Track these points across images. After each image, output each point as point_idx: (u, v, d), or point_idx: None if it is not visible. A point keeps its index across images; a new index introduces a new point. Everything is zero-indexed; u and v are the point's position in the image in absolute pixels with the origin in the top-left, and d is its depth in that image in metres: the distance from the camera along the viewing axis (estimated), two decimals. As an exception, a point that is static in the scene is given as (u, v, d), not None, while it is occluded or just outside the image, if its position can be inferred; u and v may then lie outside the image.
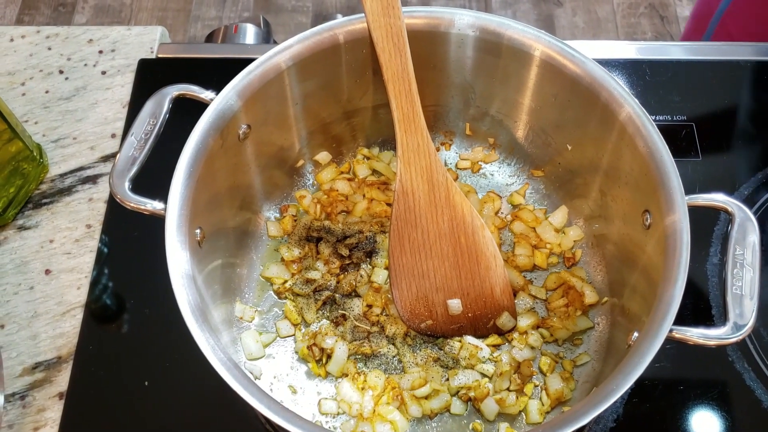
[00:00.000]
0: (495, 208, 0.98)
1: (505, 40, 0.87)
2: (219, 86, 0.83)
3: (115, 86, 1.11)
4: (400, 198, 0.88)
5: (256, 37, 1.27)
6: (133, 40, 1.16)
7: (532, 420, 0.85)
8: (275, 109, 0.89)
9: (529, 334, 0.89)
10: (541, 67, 0.87)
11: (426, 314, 0.90)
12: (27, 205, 1.01)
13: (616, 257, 0.90)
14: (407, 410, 0.85)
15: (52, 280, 0.96)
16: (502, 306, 0.90)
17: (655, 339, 0.69)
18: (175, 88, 0.83)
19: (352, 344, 0.88)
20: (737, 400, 0.87)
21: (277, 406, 0.67)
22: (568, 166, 0.95)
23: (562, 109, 0.90)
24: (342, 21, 0.87)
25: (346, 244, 0.94)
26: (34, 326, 0.92)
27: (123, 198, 0.77)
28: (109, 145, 1.06)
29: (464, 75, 0.94)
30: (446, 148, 1.03)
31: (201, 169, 0.80)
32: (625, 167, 0.84)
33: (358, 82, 0.93)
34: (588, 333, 0.90)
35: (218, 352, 0.69)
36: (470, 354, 0.88)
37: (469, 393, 0.85)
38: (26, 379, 0.89)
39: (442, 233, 0.89)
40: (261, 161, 0.92)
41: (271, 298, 0.93)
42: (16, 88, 1.11)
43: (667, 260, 0.73)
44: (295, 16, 2.50)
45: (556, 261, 0.95)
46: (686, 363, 0.89)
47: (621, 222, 0.88)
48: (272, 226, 0.97)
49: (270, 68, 0.85)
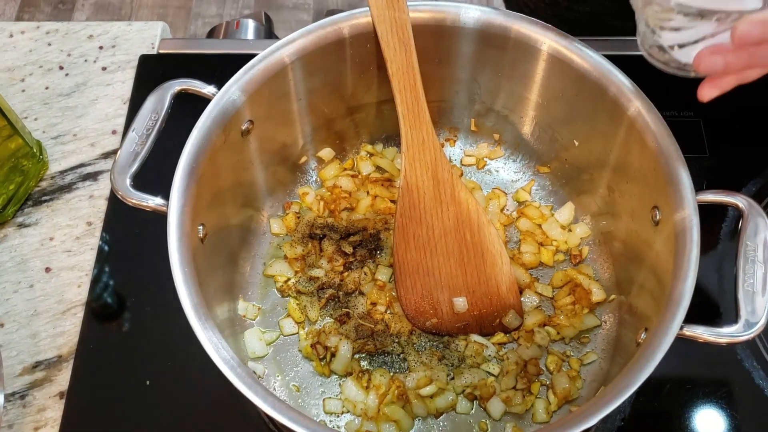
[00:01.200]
0: (500, 205, 0.97)
1: (512, 34, 0.86)
2: (221, 82, 0.82)
3: (116, 82, 1.10)
4: (405, 194, 0.87)
5: (257, 32, 1.27)
6: (134, 35, 1.15)
7: (538, 419, 0.84)
8: (278, 105, 0.89)
9: (535, 333, 0.88)
10: (548, 62, 0.86)
11: (431, 312, 0.89)
12: (27, 203, 1.00)
13: (623, 254, 0.90)
14: (412, 409, 0.84)
15: (52, 278, 0.95)
16: (508, 304, 0.89)
17: (665, 337, 0.68)
18: (177, 83, 0.83)
19: (357, 343, 0.87)
20: (746, 399, 0.86)
21: (281, 405, 0.67)
22: (574, 162, 0.94)
23: (570, 105, 0.89)
24: (346, 15, 0.86)
25: (350, 242, 0.93)
26: (34, 325, 0.91)
27: (124, 194, 0.77)
28: (110, 142, 1.05)
29: (469, 70, 0.93)
30: (451, 144, 1.02)
31: (203, 165, 0.79)
32: (634, 163, 0.83)
33: (362, 77, 0.92)
34: (595, 331, 0.89)
35: (221, 350, 0.69)
36: (476, 352, 0.87)
37: (475, 392, 0.85)
38: (26, 378, 0.88)
39: (447, 230, 0.88)
40: (264, 157, 0.91)
41: (274, 296, 0.92)
42: (16, 84, 1.10)
43: (677, 257, 0.72)
44: (297, 13, 2.49)
45: (562, 258, 0.94)
46: (694, 361, 0.88)
47: (629, 218, 0.87)
48: (275, 224, 0.96)
49: (273, 63, 0.84)
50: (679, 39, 0.61)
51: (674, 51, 0.63)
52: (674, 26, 0.60)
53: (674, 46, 0.62)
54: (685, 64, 0.63)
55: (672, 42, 0.62)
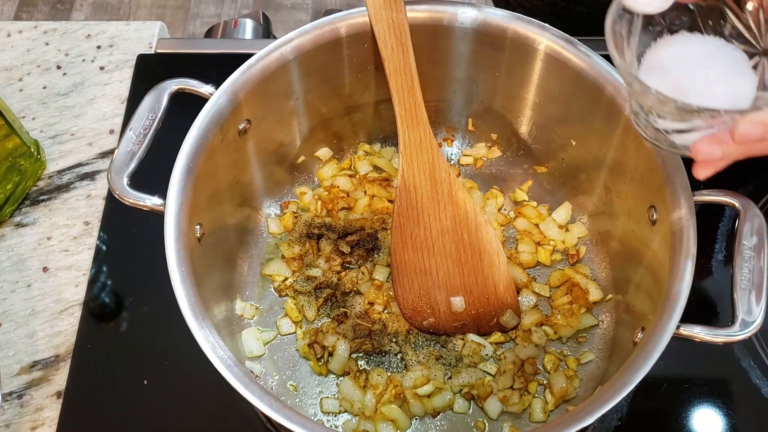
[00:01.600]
0: (498, 205, 0.97)
1: (509, 34, 0.86)
2: (218, 81, 0.82)
3: (114, 82, 1.10)
4: (402, 194, 0.87)
5: (255, 32, 1.26)
6: (132, 35, 1.15)
7: (535, 418, 0.84)
8: (276, 104, 0.88)
9: (532, 332, 0.88)
10: (545, 62, 0.86)
11: (428, 312, 0.89)
12: (24, 202, 1.00)
13: (620, 254, 0.90)
14: (409, 409, 0.84)
15: (49, 277, 0.95)
16: (506, 303, 0.89)
17: (662, 336, 0.68)
18: (175, 83, 0.82)
19: (354, 342, 0.87)
20: (743, 398, 0.86)
21: (279, 404, 0.67)
22: (572, 161, 0.94)
23: (567, 104, 0.89)
24: (343, 14, 0.86)
25: (348, 241, 0.93)
26: (31, 324, 0.91)
27: (121, 194, 0.77)
28: (108, 141, 1.05)
29: (467, 70, 0.93)
30: (448, 143, 1.02)
31: (201, 164, 0.79)
32: (631, 163, 0.83)
33: (359, 76, 0.92)
34: (592, 331, 0.89)
35: (218, 350, 0.69)
36: (473, 352, 0.87)
37: (472, 391, 0.85)
38: (23, 377, 0.88)
39: (444, 230, 0.88)
40: (261, 157, 0.91)
41: (272, 295, 0.92)
42: (13, 83, 1.10)
43: (674, 256, 0.73)
44: (295, 13, 2.48)
45: (559, 258, 0.94)
46: (691, 361, 0.88)
47: (626, 218, 0.87)
48: (273, 223, 0.96)
49: (270, 62, 0.84)
50: (675, 126, 0.61)
51: (670, 134, 0.63)
52: (671, 117, 0.60)
53: (670, 131, 0.62)
54: (681, 146, 0.64)
55: (668, 128, 0.62)
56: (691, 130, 0.60)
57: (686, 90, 0.61)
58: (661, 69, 0.64)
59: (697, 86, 0.61)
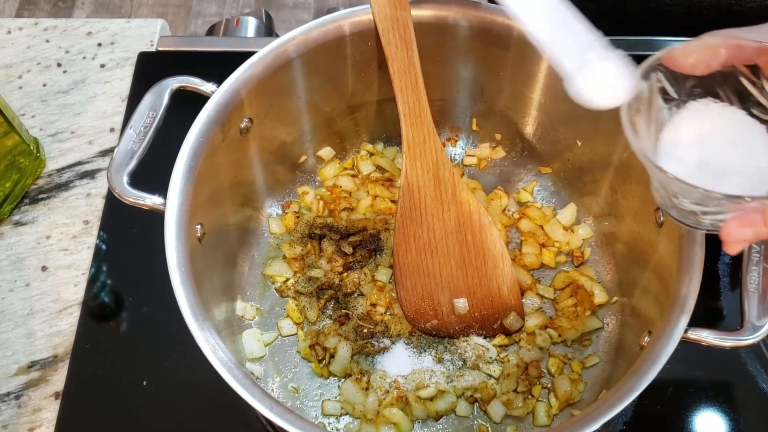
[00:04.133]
0: (502, 206, 0.96)
1: (515, 33, 0.85)
2: (220, 80, 0.82)
3: (114, 80, 1.09)
4: (406, 194, 0.86)
5: (258, 30, 1.26)
6: (133, 32, 1.14)
7: (539, 422, 0.83)
8: (278, 103, 0.88)
9: (537, 335, 0.87)
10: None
11: (431, 314, 0.88)
12: (23, 201, 0.99)
13: (626, 256, 0.89)
14: (412, 412, 0.83)
15: (48, 277, 0.94)
16: (510, 306, 0.88)
17: (669, 341, 0.67)
18: (176, 81, 0.82)
19: (356, 344, 0.86)
20: (750, 402, 0.85)
21: (279, 407, 0.66)
22: (577, 162, 0.93)
23: (572, 104, 0.87)
24: (347, 12, 0.85)
25: (350, 242, 0.92)
26: (29, 324, 0.91)
27: (121, 192, 0.76)
28: (108, 140, 1.04)
29: (472, 69, 0.92)
30: (452, 143, 1.01)
31: (202, 163, 0.78)
32: (638, 164, 0.80)
33: (362, 75, 0.91)
34: (597, 333, 0.88)
35: (218, 351, 0.68)
36: (476, 355, 0.86)
37: (476, 394, 0.84)
38: (21, 378, 0.87)
39: (448, 231, 0.87)
40: (263, 156, 0.91)
41: (273, 296, 0.92)
42: (13, 81, 1.09)
43: (681, 259, 0.72)
44: (297, 12, 2.48)
45: (564, 260, 0.93)
46: (697, 364, 0.87)
47: (632, 220, 0.86)
48: (274, 223, 0.95)
49: (273, 60, 0.83)
50: (701, 209, 0.60)
51: (698, 215, 0.61)
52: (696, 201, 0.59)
53: (698, 213, 0.61)
54: (710, 225, 0.62)
55: (695, 210, 0.60)
56: (718, 213, 0.59)
57: (708, 166, 0.59)
58: (681, 146, 0.61)
59: (720, 164, 0.59)
